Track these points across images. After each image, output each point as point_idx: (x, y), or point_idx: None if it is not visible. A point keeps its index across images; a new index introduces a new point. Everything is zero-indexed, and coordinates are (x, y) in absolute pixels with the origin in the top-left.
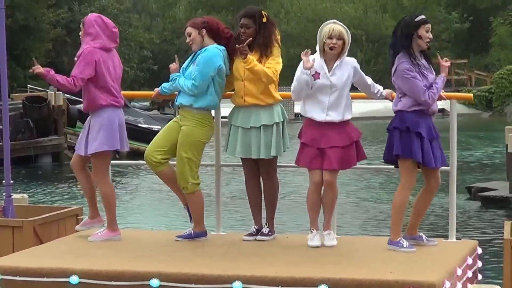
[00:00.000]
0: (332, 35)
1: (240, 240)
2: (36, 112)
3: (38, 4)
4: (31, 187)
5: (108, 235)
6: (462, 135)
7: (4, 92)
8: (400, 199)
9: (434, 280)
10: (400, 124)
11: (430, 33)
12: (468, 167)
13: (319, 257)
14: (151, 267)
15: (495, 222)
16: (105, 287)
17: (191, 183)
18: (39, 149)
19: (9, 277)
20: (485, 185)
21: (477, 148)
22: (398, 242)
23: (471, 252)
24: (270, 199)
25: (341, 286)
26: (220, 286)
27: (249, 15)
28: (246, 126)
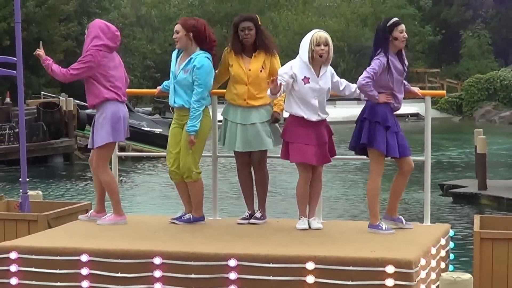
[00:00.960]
0: (320, 42)
1: (235, 224)
2: (49, 117)
3: (51, 19)
4: (45, 184)
5: (115, 219)
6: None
7: (20, 99)
8: (372, 185)
9: (411, 257)
10: (370, 117)
11: (405, 33)
12: (441, 166)
13: (307, 238)
14: (155, 246)
15: (465, 216)
16: (112, 265)
17: (194, 172)
18: (51, 150)
19: (25, 255)
20: (456, 182)
21: (449, 149)
22: (378, 225)
23: (444, 234)
24: (261, 187)
25: (326, 263)
26: (217, 263)
27: (248, 18)
28: (246, 123)
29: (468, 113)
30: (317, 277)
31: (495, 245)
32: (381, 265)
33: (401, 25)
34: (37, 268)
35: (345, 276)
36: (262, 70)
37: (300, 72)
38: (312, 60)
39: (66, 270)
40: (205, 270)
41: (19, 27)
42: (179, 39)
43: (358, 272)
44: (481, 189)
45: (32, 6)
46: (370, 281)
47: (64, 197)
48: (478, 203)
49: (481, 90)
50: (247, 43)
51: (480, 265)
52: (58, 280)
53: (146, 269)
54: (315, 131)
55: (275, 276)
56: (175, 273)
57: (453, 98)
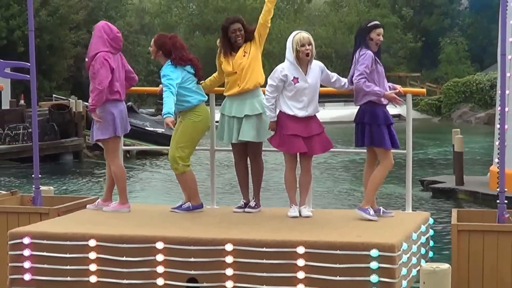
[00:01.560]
0: (304, 42)
1: (231, 212)
2: (60, 117)
3: (62, 27)
4: (56, 180)
5: (119, 207)
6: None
7: (33, 101)
8: (379, 175)
9: (394, 242)
10: (372, 121)
11: (381, 36)
12: (421, 163)
13: (297, 225)
14: (157, 232)
15: (444, 210)
16: (118, 249)
17: (181, 164)
18: (62, 148)
19: (37, 241)
20: (435, 178)
21: (429, 147)
22: (367, 209)
23: (424, 222)
24: (256, 178)
25: (316, 247)
26: (215, 248)
27: (237, 20)
28: (241, 115)
29: (447, 114)
30: (307, 261)
31: (471, 237)
32: (366, 249)
33: (379, 28)
34: (48, 253)
35: (333, 259)
36: (245, 55)
37: (290, 73)
38: (299, 60)
39: (75, 254)
40: (203, 254)
41: (33, 35)
42: (152, 53)
43: (345, 256)
44: (458, 185)
45: (44, 15)
46: (356, 264)
47: (73, 192)
48: (456, 197)
49: (458, 93)
50: (240, 43)
51: (458, 256)
52: (68, 263)
53: (149, 253)
54: (302, 125)
55: (268, 260)
56: (176, 257)
57: (433, 101)
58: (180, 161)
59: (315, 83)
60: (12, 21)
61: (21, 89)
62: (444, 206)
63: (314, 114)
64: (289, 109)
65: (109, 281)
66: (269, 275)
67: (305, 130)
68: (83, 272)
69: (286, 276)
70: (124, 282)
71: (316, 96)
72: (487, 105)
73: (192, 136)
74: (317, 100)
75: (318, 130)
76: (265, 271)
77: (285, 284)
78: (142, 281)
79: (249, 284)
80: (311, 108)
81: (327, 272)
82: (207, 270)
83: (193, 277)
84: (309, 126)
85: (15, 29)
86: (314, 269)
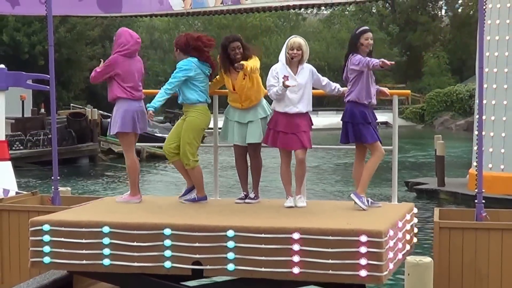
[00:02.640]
0: (293, 47)
1: (233, 203)
2: (77, 124)
3: (79, 42)
4: (73, 182)
5: (131, 198)
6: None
7: (53, 110)
8: (373, 165)
9: (381, 228)
10: (351, 119)
11: (371, 40)
12: (406, 166)
13: (293, 214)
14: (165, 220)
15: (427, 209)
16: (129, 235)
17: (192, 160)
18: (79, 152)
19: (56, 227)
20: (419, 180)
21: (413, 152)
22: (361, 197)
23: (409, 211)
24: (256, 173)
25: (310, 233)
26: (217, 234)
27: (236, 39)
28: (243, 121)
29: (429, 121)
30: (302, 245)
31: (452, 233)
32: (355, 235)
33: (367, 33)
34: (66, 238)
35: (326, 244)
36: (245, 77)
37: (281, 72)
38: (290, 62)
39: (90, 240)
40: (207, 239)
41: (52, 50)
42: (174, 54)
43: (336, 241)
44: (440, 186)
45: (63, 31)
46: (347, 248)
47: (89, 192)
48: (438, 197)
49: (440, 102)
50: (238, 60)
51: (439, 250)
52: (84, 248)
53: (157, 239)
54: (294, 122)
55: (266, 245)
56: (182, 242)
57: (416, 109)
58: (190, 156)
59: (304, 83)
60: (33, 37)
61: (42, 99)
62: (427, 205)
63: (305, 112)
64: (280, 107)
65: (121, 264)
66: (267, 258)
67: (295, 127)
68: (97, 256)
69: (282, 260)
70: (135, 265)
71: (306, 95)
72: (467, 113)
73: (196, 132)
74: (308, 99)
75: (307, 128)
76: (263, 255)
77: (282, 267)
78: (151, 264)
79: (248, 267)
80: (301, 105)
81: (320, 256)
82: (210, 254)
83: (197, 260)
84: (301, 122)
85: (36, 45)
86: (308, 253)
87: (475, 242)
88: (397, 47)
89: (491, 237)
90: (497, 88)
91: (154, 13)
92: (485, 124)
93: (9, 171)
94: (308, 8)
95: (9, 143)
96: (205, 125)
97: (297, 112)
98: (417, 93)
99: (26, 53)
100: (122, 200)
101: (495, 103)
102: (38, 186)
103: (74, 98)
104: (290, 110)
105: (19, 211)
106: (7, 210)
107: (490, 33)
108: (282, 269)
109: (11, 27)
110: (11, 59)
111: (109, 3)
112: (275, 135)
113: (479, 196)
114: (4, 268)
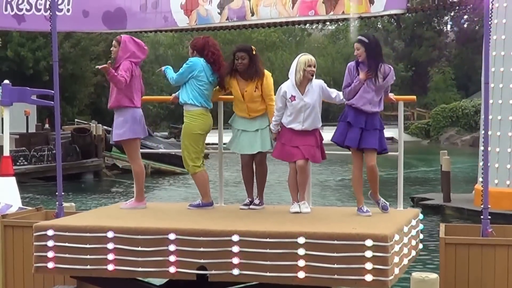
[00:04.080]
0: (310, 64)
1: (237, 209)
2: (81, 140)
3: (83, 58)
4: (77, 197)
5: (136, 204)
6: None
7: (57, 125)
8: (352, 175)
9: (387, 233)
10: (342, 118)
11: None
12: (411, 182)
13: (298, 219)
14: (170, 225)
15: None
16: (134, 240)
17: (191, 165)
18: (83, 168)
19: (60, 232)
20: (424, 195)
21: (419, 167)
22: (360, 208)
23: (415, 216)
24: (261, 179)
25: (315, 238)
26: (222, 238)
27: (243, 49)
28: (251, 130)
29: (435, 137)
30: (307, 250)
31: (458, 249)
32: (361, 239)
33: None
34: (70, 243)
35: (331, 248)
36: (256, 90)
37: (289, 92)
38: (302, 79)
39: (94, 245)
40: (212, 244)
41: (57, 65)
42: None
43: (342, 245)
44: (445, 201)
45: (67, 47)
46: (352, 252)
47: (94, 208)
48: (443, 213)
49: (446, 118)
50: (241, 69)
51: (445, 266)
52: (88, 253)
53: (162, 244)
54: (299, 137)
55: (271, 249)
56: (186, 247)
57: (422, 124)
58: (190, 162)
59: (313, 102)
60: (38, 53)
61: (46, 114)
62: (433, 221)
63: (312, 129)
64: (287, 122)
65: (125, 269)
66: (272, 263)
67: (301, 141)
68: (101, 261)
69: (287, 264)
70: (139, 270)
71: (313, 113)
72: (472, 128)
73: (191, 137)
74: (315, 116)
75: (314, 142)
76: (269, 259)
77: (287, 272)
78: (156, 269)
79: (253, 271)
80: (307, 123)
81: (326, 261)
82: (215, 259)
83: (202, 265)
84: (306, 138)
85: (40, 60)
86: (313, 258)
87: (481, 258)
88: (403, 63)
89: (497, 253)
90: (502, 104)
91: (159, 29)
92: (490, 139)
93: (13, 187)
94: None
95: (14, 159)
96: (201, 130)
97: (302, 129)
98: (423, 108)
99: (30, 69)
100: (128, 207)
101: (501, 118)
102: (42, 202)
103: (78, 114)
104: (296, 127)
105: (23, 227)
106: (11, 226)
107: (496, 49)
108: (287, 274)
109: (15, 42)
110: (16, 74)
111: (114, 20)
112: (282, 148)
113: (485, 211)
114: (8, 283)
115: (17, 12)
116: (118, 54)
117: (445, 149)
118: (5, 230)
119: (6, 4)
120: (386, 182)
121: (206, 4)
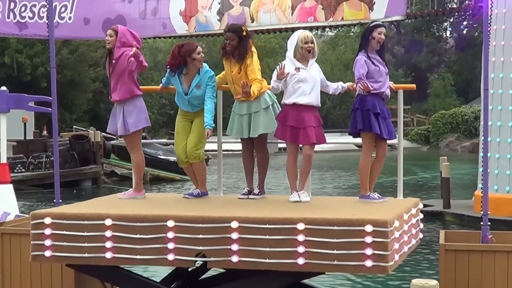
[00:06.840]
0: (307, 40)
1: (236, 198)
2: (80, 147)
3: (81, 64)
4: None
5: (134, 194)
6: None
7: (55, 132)
8: (363, 163)
9: (387, 218)
10: (361, 106)
11: (383, 36)
12: (411, 188)
13: (298, 207)
14: (168, 212)
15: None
16: (132, 227)
17: (202, 153)
18: (81, 175)
19: (58, 220)
20: (424, 202)
21: (418, 173)
22: (368, 195)
23: (415, 205)
24: (261, 166)
25: (315, 224)
26: (221, 225)
27: (232, 30)
28: (241, 113)
29: (435, 143)
30: (307, 236)
31: (458, 256)
32: (361, 224)
33: (381, 27)
34: (68, 231)
35: (331, 234)
36: (240, 72)
37: (292, 67)
38: (301, 57)
39: (92, 233)
40: (211, 231)
41: (54, 72)
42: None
43: (341, 231)
44: (445, 208)
45: (65, 53)
46: (352, 238)
47: None
48: (443, 219)
49: (445, 124)
50: (229, 51)
51: (445, 273)
52: (86, 241)
53: (160, 231)
54: (300, 116)
55: (271, 235)
56: (185, 234)
57: (422, 131)
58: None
59: (316, 76)
60: (35, 59)
61: (44, 121)
62: (433, 227)
63: (315, 105)
64: (290, 98)
65: (123, 257)
66: (272, 249)
67: (304, 121)
68: (99, 249)
69: (287, 251)
70: (137, 257)
71: (316, 88)
72: (472, 135)
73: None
74: (318, 92)
75: (316, 123)
76: (268, 246)
77: (286, 258)
78: (154, 257)
79: (253, 258)
80: (313, 96)
81: (325, 247)
82: (214, 246)
83: (201, 252)
84: (310, 118)
85: (38, 66)
86: (313, 244)
87: (481, 265)
88: (402, 69)
89: (497, 260)
90: (502, 110)
91: (158, 35)
92: (490, 145)
93: (11, 194)
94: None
95: (11, 166)
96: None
97: (307, 103)
98: (422, 114)
99: (28, 75)
100: (126, 197)
101: (501, 124)
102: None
103: (76, 120)
104: (301, 100)
105: (20, 235)
106: (8, 234)
107: (495, 55)
108: (287, 260)
109: (13, 49)
110: (13, 81)
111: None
112: (284, 129)
113: (484, 218)
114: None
115: (19, 20)
116: (119, 42)
117: (445, 155)
118: (2, 238)
119: (9, 11)
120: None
121: (206, 11)
